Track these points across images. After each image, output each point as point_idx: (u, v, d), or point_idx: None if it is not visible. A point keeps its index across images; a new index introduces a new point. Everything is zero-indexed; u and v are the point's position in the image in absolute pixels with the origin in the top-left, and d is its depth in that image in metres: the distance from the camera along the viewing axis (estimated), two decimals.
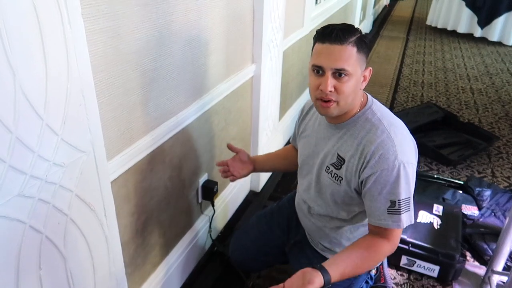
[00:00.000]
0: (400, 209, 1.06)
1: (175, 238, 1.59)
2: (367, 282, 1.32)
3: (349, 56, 1.02)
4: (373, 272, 1.37)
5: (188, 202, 1.62)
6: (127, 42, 1.07)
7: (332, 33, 1.01)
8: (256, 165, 1.45)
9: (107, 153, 1.05)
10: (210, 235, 1.80)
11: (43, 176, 0.83)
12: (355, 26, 1.06)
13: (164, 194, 1.43)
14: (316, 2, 3.31)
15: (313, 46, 1.08)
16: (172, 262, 1.55)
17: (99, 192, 1.01)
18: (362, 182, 1.10)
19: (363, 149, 1.08)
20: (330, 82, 1.03)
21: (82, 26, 0.85)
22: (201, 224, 1.75)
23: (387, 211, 1.06)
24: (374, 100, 1.18)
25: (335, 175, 1.16)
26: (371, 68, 1.12)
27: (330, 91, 1.03)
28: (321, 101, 1.07)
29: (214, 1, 1.48)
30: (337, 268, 1.04)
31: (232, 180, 1.44)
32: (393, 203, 1.06)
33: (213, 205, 1.74)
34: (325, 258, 1.31)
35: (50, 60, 0.78)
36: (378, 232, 1.11)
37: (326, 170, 1.19)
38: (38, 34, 0.75)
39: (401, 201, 1.05)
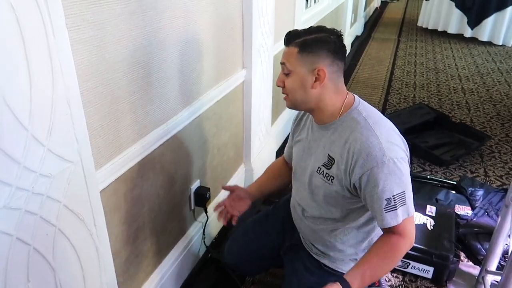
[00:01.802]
0: (395, 205, 1.07)
1: (168, 246, 1.58)
2: None
3: (290, 55, 1.13)
4: None
5: (180, 209, 1.62)
6: (114, 51, 1.07)
7: (285, 38, 1.16)
8: (253, 197, 1.45)
9: (96, 162, 1.05)
10: (204, 241, 1.80)
11: (30, 187, 0.82)
12: (311, 32, 1.13)
13: (155, 202, 1.42)
14: (307, 6, 3.32)
15: None
16: (165, 270, 1.54)
17: (88, 201, 1.00)
18: (355, 184, 1.10)
19: (349, 148, 1.10)
20: (280, 77, 1.17)
21: (67, 35, 0.85)
22: (194, 231, 1.74)
23: (385, 210, 1.07)
24: (362, 101, 1.20)
25: (327, 175, 1.18)
26: (323, 68, 1.10)
27: (279, 86, 1.17)
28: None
29: (202, 7, 1.48)
30: (355, 275, 1.07)
31: (235, 222, 1.40)
32: (388, 200, 1.06)
33: (206, 212, 1.74)
34: (320, 263, 1.31)
35: (34, 71, 0.78)
36: (388, 230, 1.11)
37: (318, 171, 1.20)
38: (21, 44, 0.75)
39: (395, 196, 1.06)
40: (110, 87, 1.08)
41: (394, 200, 1.06)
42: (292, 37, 1.13)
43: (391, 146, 1.07)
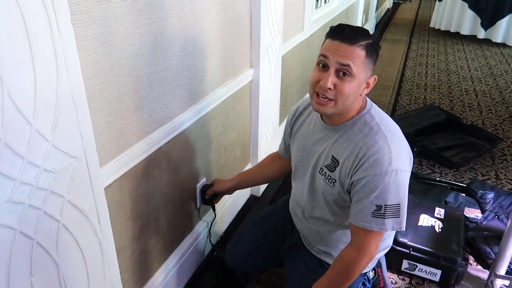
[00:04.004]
0: (385, 214, 1.05)
1: (173, 244, 1.59)
2: (364, 284, 1.30)
3: (357, 57, 1.01)
4: (370, 274, 1.36)
5: (186, 207, 1.62)
6: (120, 48, 1.07)
7: (344, 32, 1.01)
8: (237, 182, 1.57)
9: (101, 158, 1.06)
10: (210, 239, 1.79)
11: (33, 182, 0.83)
12: (370, 33, 1.06)
13: (161, 200, 1.42)
14: (317, 6, 3.31)
15: (323, 42, 1.07)
16: (170, 267, 1.55)
17: (92, 197, 1.00)
18: (352, 183, 1.10)
19: (358, 152, 1.08)
20: (331, 79, 1.02)
21: (72, 32, 0.86)
22: (200, 229, 1.74)
23: (372, 214, 1.06)
24: (373, 104, 1.17)
25: (329, 177, 1.16)
26: (376, 76, 1.10)
27: (329, 89, 1.02)
28: (317, 96, 1.06)
29: (210, 6, 1.48)
30: (317, 284, 1.17)
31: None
32: (379, 207, 1.05)
33: (214, 209, 1.73)
34: (321, 261, 1.30)
35: (38, 66, 0.79)
36: (356, 237, 1.12)
37: (320, 172, 1.19)
38: (26, 40, 0.75)
39: (387, 206, 1.05)
40: (115, 84, 1.09)
41: (385, 209, 1.05)
42: (359, 35, 1.01)
43: (399, 157, 1.06)
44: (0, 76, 0.72)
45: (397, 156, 1.05)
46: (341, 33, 1.01)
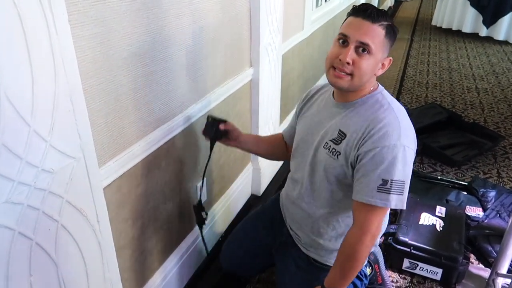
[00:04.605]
0: (390, 189, 1.06)
1: (174, 244, 1.59)
2: (360, 279, 1.30)
3: (376, 36, 1.06)
4: (367, 270, 1.36)
5: (186, 207, 1.62)
6: (118, 48, 1.07)
7: (367, 10, 1.06)
8: (246, 137, 1.47)
9: (100, 158, 1.06)
10: (206, 249, 1.68)
11: (32, 182, 0.83)
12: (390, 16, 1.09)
13: (160, 199, 1.42)
14: (317, 5, 3.30)
15: (345, 20, 1.12)
16: (170, 267, 1.55)
17: (91, 197, 1.00)
18: (359, 155, 1.10)
19: (368, 125, 1.10)
20: (350, 54, 1.06)
21: (69, 32, 0.86)
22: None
23: (377, 189, 1.06)
24: (384, 88, 1.21)
25: (333, 150, 1.16)
26: (391, 58, 1.15)
27: (348, 63, 1.06)
28: (335, 70, 1.10)
29: (208, 5, 1.48)
30: (329, 279, 1.17)
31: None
32: (385, 181, 1.06)
33: (211, 149, 1.48)
34: (309, 259, 1.31)
35: (36, 67, 0.79)
36: (359, 216, 1.11)
37: (324, 146, 1.19)
38: (23, 41, 0.76)
39: (394, 181, 1.06)
40: (114, 84, 1.09)
41: (391, 185, 1.06)
42: (381, 15, 1.06)
43: (407, 134, 1.09)
44: None
45: (406, 133, 1.08)
46: (365, 11, 1.06)
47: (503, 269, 1.60)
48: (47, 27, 0.80)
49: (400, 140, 1.06)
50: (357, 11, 1.08)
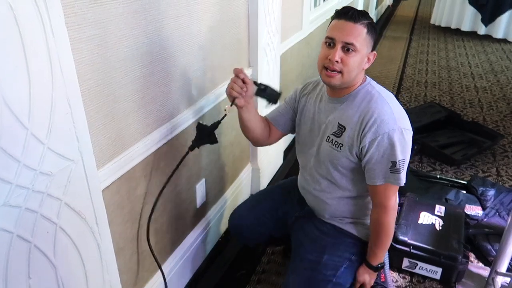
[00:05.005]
0: (400, 169, 1.20)
1: (173, 245, 1.59)
2: None
3: (359, 35, 1.17)
4: None
5: (185, 208, 1.62)
6: (115, 50, 1.07)
7: (349, 12, 1.17)
8: (254, 109, 1.41)
9: (98, 160, 1.06)
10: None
11: (30, 185, 0.83)
12: (369, 15, 1.22)
13: (160, 201, 1.42)
14: (315, 5, 3.30)
15: (330, 23, 1.23)
16: (169, 269, 1.55)
17: (90, 200, 1.00)
18: (364, 147, 1.21)
19: (364, 117, 1.21)
20: (338, 54, 1.17)
21: (66, 35, 0.86)
22: (199, 230, 1.74)
23: (390, 171, 1.21)
24: (372, 79, 1.31)
25: (336, 143, 1.28)
26: (375, 52, 1.26)
27: (337, 62, 1.17)
28: (326, 70, 1.20)
29: (206, 6, 1.48)
30: (370, 256, 1.35)
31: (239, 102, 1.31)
32: (394, 163, 1.20)
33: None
34: (332, 225, 1.41)
35: (33, 70, 0.79)
36: (378, 197, 1.26)
37: (327, 140, 1.30)
38: (20, 43, 0.76)
39: (400, 161, 1.20)
40: (112, 86, 1.09)
41: (399, 165, 1.20)
42: (361, 15, 1.17)
43: (401, 117, 1.21)
44: None
45: (400, 116, 1.21)
46: (346, 13, 1.18)
47: (503, 268, 1.60)
48: (44, 30, 0.80)
49: (396, 124, 1.18)
50: (340, 14, 1.19)
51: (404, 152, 1.20)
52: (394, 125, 1.18)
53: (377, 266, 1.35)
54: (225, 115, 1.33)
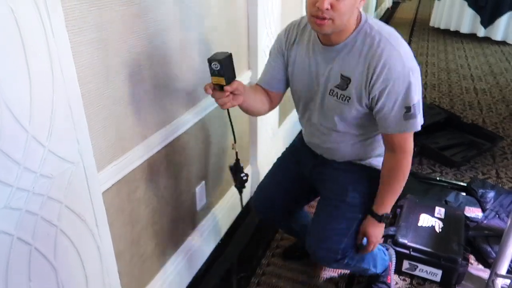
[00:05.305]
0: (415, 113, 1.14)
1: (173, 247, 1.59)
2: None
3: None
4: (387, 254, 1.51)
5: (185, 210, 1.62)
6: (116, 53, 1.08)
7: None
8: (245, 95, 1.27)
9: (98, 163, 1.06)
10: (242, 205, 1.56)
11: (30, 187, 0.83)
12: None
13: (160, 203, 1.42)
14: None
15: None
16: (169, 272, 1.55)
17: (90, 202, 1.01)
18: (374, 97, 1.14)
19: (369, 64, 1.13)
20: (327, 0, 1.04)
21: (67, 38, 0.86)
22: (199, 232, 1.74)
23: (404, 117, 1.14)
24: (366, 14, 1.19)
25: (342, 96, 1.20)
26: None
27: (327, 9, 1.05)
28: (316, 18, 1.08)
29: (206, 9, 1.48)
30: (378, 204, 1.31)
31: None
32: (408, 108, 1.12)
33: (241, 192, 1.48)
34: (351, 161, 1.38)
35: (33, 73, 0.79)
36: (393, 144, 1.21)
37: (331, 93, 1.22)
38: (21, 46, 0.76)
39: (415, 105, 1.13)
40: (112, 89, 1.09)
41: (414, 108, 1.13)
42: None
43: (408, 57, 1.13)
44: None
45: (406, 56, 1.12)
46: None
47: (503, 270, 1.60)
48: (44, 33, 0.80)
49: (405, 66, 1.10)
50: None
51: (417, 93, 1.13)
52: (402, 68, 1.10)
53: (382, 216, 1.30)
54: (236, 152, 1.40)
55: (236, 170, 1.43)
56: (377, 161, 1.37)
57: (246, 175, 1.43)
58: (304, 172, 1.49)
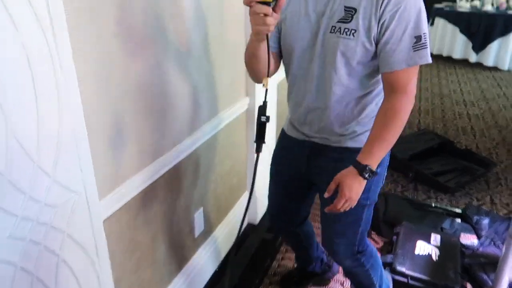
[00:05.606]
0: (425, 43, 1.05)
1: (171, 274, 1.58)
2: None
3: None
4: None
5: (183, 237, 1.62)
6: (120, 83, 1.10)
7: None
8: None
9: (99, 191, 1.07)
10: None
11: (35, 217, 0.85)
12: None
13: (158, 230, 1.43)
14: None
15: None
16: None
17: (91, 231, 1.02)
18: (383, 23, 1.05)
19: None
20: None
21: (74, 71, 0.89)
22: (198, 259, 1.74)
23: (413, 48, 1.05)
24: None
25: (346, 30, 1.09)
26: None
27: None
28: None
29: (205, 36, 1.52)
30: (364, 153, 1.11)
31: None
32: (418, 38, 1.04)
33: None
34: (343, 148, 1.25)
35: (41, 104, 0.81)
36: (397, 84, 1.09)
37: (332, 31, 1.10)
38: (31, 81, 0.79)
39: (424, 34, 1.05)
40: (116, 118, 1.11)
41: (424, 38, 1.05)
42: None
43: None
44: (5, 115, 0.74)
45: None
46: None
47: None
48: (53, 68, 0.83)
49: None
50: None
51: (425, 23, 1.06)
52: None
53: (365, 166, 1.10)
54: (266, 89, 1.13)
55: (260, 111, 1.20)
56: (361, 137, 1.24)
57: (267, 118, 1.20)
58: (300, 168, 1.38)
